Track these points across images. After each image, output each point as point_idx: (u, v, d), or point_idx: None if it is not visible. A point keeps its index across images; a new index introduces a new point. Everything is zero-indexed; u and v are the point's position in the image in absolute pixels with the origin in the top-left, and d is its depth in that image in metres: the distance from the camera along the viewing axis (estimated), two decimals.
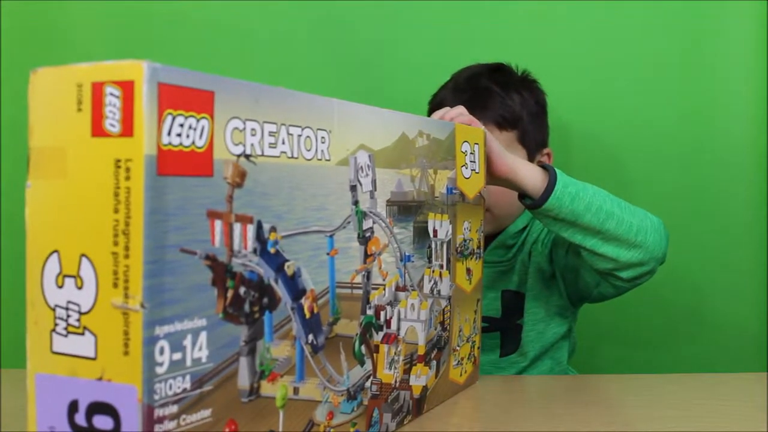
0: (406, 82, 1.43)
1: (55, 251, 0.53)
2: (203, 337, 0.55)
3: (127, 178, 0.50)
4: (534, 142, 1.22)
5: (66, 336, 0.53)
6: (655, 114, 1.40)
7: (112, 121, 0.51)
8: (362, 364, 0.74)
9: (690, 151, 1.40)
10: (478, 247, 0.97)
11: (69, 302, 0.53)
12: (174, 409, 0.53)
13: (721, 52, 1.38)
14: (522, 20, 1.42)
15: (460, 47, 1.42)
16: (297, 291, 0.64)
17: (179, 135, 0.53)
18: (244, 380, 0.59)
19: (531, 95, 1.24)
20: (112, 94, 0.51)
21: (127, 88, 0.50)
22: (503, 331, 1.21)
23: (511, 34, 1.42)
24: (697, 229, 1.39)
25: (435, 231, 0.86)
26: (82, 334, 0.52)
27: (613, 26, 1.40)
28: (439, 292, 0.87)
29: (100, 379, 0.52)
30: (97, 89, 0.51)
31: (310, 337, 0.66)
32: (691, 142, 1.39)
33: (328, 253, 0.68)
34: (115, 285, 0.51)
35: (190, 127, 0.53)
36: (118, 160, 0.51)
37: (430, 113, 1.21)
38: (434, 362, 0.87)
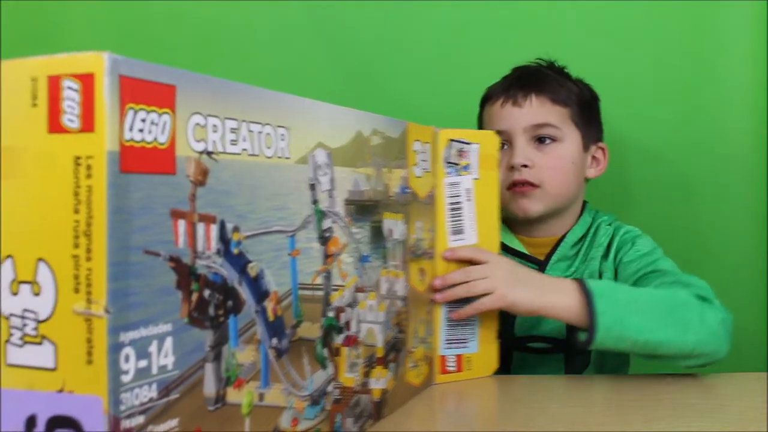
0: (407, 83, 1.42)
1: (9, 257, 0.50)
2: (169, 342, 0.52)
3: (88, 176, 0.48)
4: (588, 130, 1.18)
5: (22, 346, 0.49)
6: (655, 114, 1.38)
7: (71, 116, 0.48)
8: (324, 367, 0.72)
9: (690, 151, 1.38)
10: (431, 247, 0.96)
11: (25, 310, 0.49)
12: (140, 419, 0.50)
13: (721, 52, 1.37)
14: (522, 20, 1.41)
15: (461, 47, 1.41)
16: (260, 293, 0.62)
17: (141, 130, 0.50)
18: (210, 387, 0.56)
19: (585, 88, 1.20)
20: (70, 88, 0.48)
21: (86, 81, 0.48)
22: (568, 352, 1.15)
23: (511, 34, 1.40)
24: (697, 229, 1.38)
25: (390, 231, 0.85)
26: (40, 343, 0.49)
27: (613, 26, 1.39)
28: (395, 292, 0.86)
29: (60, 391, 0.48)
30: (54, 83, 0.48)
31: (274, 340, 0.64)
32: (691, 142, 1.38)
33: (289, 254, 0.66)
34: (77, 290, 0.48)
35: (152, 123, 0.51)
36: (78, 158, 0.48)
37: (481, 108, 1.21)
38: (392, 364, 0.86)
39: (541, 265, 1.15)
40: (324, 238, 0.72)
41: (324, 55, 1.44)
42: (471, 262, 0.97)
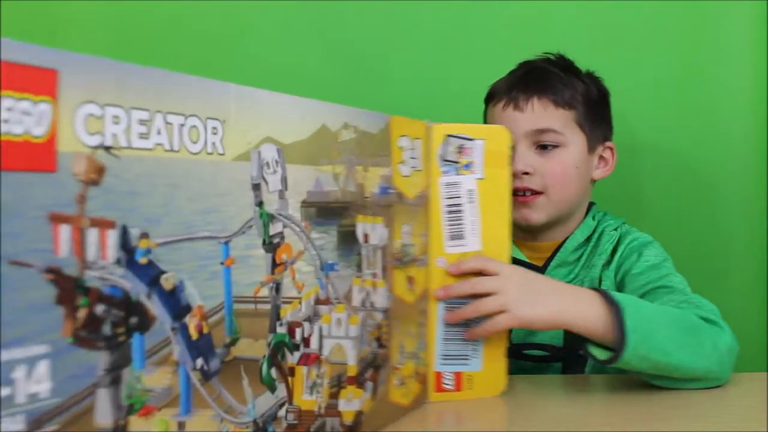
0: (407, 82, 1.40)
1: None
2: (44, 366, 0.45)
3: None
4: (594, 131, 1.12)
5: None
6: (655, 114, 1.37)
7: None
8: (273, 390, 0.64)
9: (690, 151, 1.37)
10: (422, 253, 0.87)
11: None
12: None
13: (721, 52, 1.36)
14: (521, 21, 1.39)
15: (461, 47, 1.39)
16: (179, 308, 0.55)
17: (7, 121, 0.43)
18: (104, 416, 0.49)
19: (593, 84, 1.14)
20: None
21: None
22: (566, 360, 1.09)
23: (510, 35, 1.38)
24: (696, 230, 1.36)
25: (366, 236, 0.76)
26: None
27: (613, 27, 1.37)
28: (372, 304, 0.78)
29: None
30: None
31: (200, 361, 0.57)
32: (691, 142, 1.37)
33: (222, 263, 0.59)
34: None
35: (22, 112, 0.44)
36: None
37: (486, 104, 1.16)
38: (370, 383, 0.77)
39: (538, 272, 1.06)
40: (272, 245, 0.64)
41: (324, 54, 1.42)
42: (479, 274, 0.87)
